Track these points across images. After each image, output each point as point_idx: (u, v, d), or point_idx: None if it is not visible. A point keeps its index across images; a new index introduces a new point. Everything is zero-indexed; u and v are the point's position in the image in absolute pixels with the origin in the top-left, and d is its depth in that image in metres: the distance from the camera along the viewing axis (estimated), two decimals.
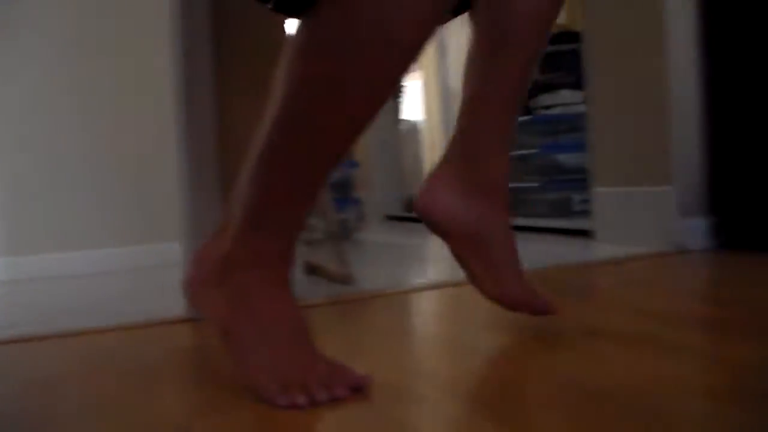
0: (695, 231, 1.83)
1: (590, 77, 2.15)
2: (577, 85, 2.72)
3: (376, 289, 1.54)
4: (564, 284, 1.46)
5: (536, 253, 1.97)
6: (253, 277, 0.81)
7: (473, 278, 1.02)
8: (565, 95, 2.93)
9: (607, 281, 1.49)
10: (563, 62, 2.91)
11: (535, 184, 3.04)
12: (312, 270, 1.88)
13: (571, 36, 2.78)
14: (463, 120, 1.00)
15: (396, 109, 4.25)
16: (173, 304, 1.29)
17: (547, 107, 3.00)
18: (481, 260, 1.00)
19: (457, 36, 4.60)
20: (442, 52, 3.87)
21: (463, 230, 1.00)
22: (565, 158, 2.92)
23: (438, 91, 4.07)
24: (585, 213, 2.47)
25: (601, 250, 1.95)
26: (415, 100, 4.74)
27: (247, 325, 0.80)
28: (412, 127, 4.60)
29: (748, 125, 1.76)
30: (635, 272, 1.56)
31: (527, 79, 0.99)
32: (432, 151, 4.34)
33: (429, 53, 4.53)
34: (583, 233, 2.22)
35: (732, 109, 1.80)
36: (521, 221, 2.84)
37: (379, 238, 3.06)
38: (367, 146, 4.02)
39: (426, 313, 1.32)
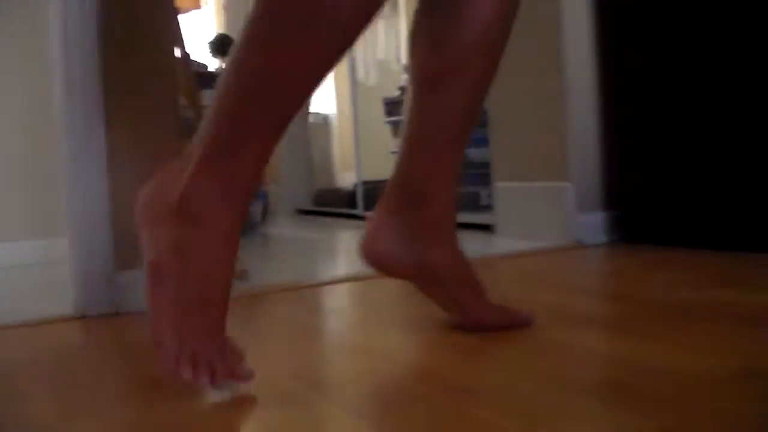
0: (593, 226, 1.85)
1: None
2: None
3: (271, 284, 1.51)
4: None
5: None
6: (204, 227, 0.76)
7: (447, 311, 1.01)
8: None
9: (502, 276, 1.49)
10: None
11: None
12: None
13: None
14: (404, 163, 0.98)
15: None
16: (61, 301, 1.23)
17: None
18: (441, 297, 1.00)
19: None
20: None
21: (413, 273, 0.99)
22: (474, 153, 2.93)
23: (349, 84, 4.04)
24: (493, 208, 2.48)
25: (501, 244, 1.96)
26: (325, 92, 4.69)
27: (181, 276, 0.76)
28: (323, 120, 4.56)
29: (645, 122, 1.79)
30: (531, 267, 1.56)
31: (476, 110, 0.98)
32: (342, 144, 4.31)
33: None
34: (488, 228, 2.23)
35: (629, 106, 1.83)
36: None
37: (286, 232, 3.01)
38: None
39: (322, 308, 1.29)
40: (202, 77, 2.91)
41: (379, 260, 1.00)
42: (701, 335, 0.88)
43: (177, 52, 1.75)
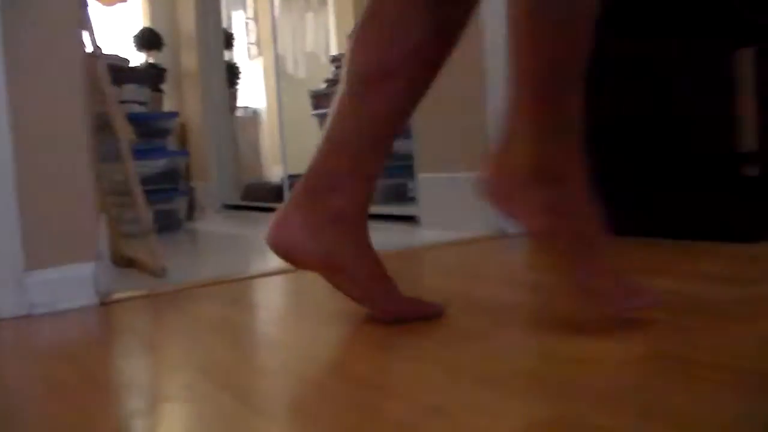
0: None
1: None
2: None
3: (191, 280, 1.48)
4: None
5: None
6: (570, 179, 0.90)
7: (359, 303, 1.01)
8: None
9: (423, 267, 1.49)
10: None
11: None
12: (126, 262, 1.80)
13: None
14: (319, 158, 0.98)
15: (232, 96, 4.15)
16: None
17: None
18: (351, 289, 0.99)
19: (289, 21, 4.55)
20: (275, 38, 3.80)
21: (320, 264, 0.98)
22: (400, 145, 2.94)
23: (277, 78, 4.00)
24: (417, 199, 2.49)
25: (425, 235, 1.96)
26: (255, 86, 4.65)
27: (564, 232, 0.89)
28: (252, 113, 4.51)
29: None
30: (453, 257, 1.57)
31: (405, 118, 1.00)
32: (272, 138, 4.27)
33: (266, 39, 4.46)
34: (413, 219, 2.23)
35: None
36: None
37: (212, 228, 2.96)
38: (201, 134, 3.90)
39: (241, 304, 1.27)
40: (121, 71, 2.84)
41: (286, 250, 0.98)
42: (598, 322, 0.89)
43: (88, 43, 1.70)
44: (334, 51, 4.47)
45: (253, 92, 4.64)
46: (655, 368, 0.70)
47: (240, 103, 4.37)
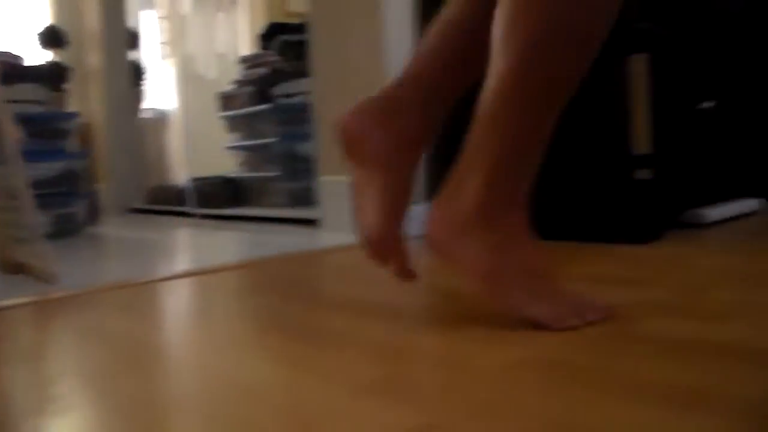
0: (415, 217, 1.88)
1: (314, 66, 2.15)
2: None
3: (83, 286, 1.44)
4: (275, 275, 1.44)
5: (258, 245, 1.94)
6: (512, 221, 0.90)
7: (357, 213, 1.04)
8: (308, 84, 2.94)
9: (321, 271, 1.49)
10: (306, 51, 2.91)
11: (277, 174, 3.02)
12: (16, 268, 1.73)
13: None
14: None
15: (137, 96, 4.06)
16: None
17: (288, 95, 2.98)
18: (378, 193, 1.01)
19: (199, 21, 4.48)
20: (183, 38, 3.73)
21: (372, 156, 1.01)
22: (306, 147, 2.93)
23: (186, 79, 3.94)
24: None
25: (326, 239, 1.96)
26: (165, 86, 4.55)
27: (511, 267, 0.88)
28: (160, 115, 4.42)
29: (461, 117, 1.83)
30: (351, 261, 1.57)
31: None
32: (182, 140, 4.19)
33: (176, 39, 4.37)
34: (315, 222, 2.23)
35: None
36: (258, 211, 2.82)
37: (115, 232, 2.89)
38: (104, 136, 3.80)
39: (131, 310, 1.24)
40: (14, 70, 2.74)
41: (353, 135, 1.02)
42: (489, 326, 0.90)
43: None
44: (244, 51, 4.42)
45: (163, 93, 4.55)
46: (536, 374, 0.70)
47: (148, 104, 4.28)
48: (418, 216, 1.84)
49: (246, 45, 4.59)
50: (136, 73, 3.99)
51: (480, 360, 0.76)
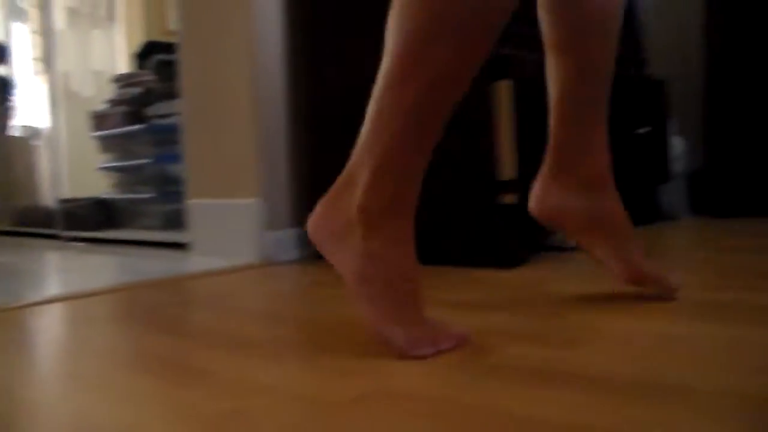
0: (283, 242, 1.87)
1: (183, 86, 2.11)
2: None
3: None
4: (138, 303, 1.40)
5: (124, 269, 1.88)
6: (394, 228, 0.88)
7: (601, 264, 1.12)
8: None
9: (180, 298, 1.45)
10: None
11: (150, 195, 2.95)
12: None
13: None
14: (556, 125, 1.12)
15: (5, 113, 3.88)
16: None
17: (163, 116, 2.92)
18: (606, 247, 1.10)
19: (74, 37, 4.34)
20: (55, 54, 3.60)
21: (583, 224, 1.11)
22: (179, 169, 2.87)
23: (58, 96, 3.79)
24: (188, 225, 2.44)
25: (194, 263, 1.92)
26: (35, 103, 4.37)
27: (379, 277, 0.87)
28: (30, 133, 4.24)
29: (335, 140, 1.84)
30: (214, 287, 1.55)
31: (608, 69, 1.10)
32: (53, 159, 4.03)
33: (49, 55, 4.21)
34: (185, 246, 2.18)
35: (320, 123, 1.88)
36: (128, 234, 2.74)
37: None
38: None
39: None
40: None
41: (551, 215, 1.12)
42: (342, 357, 0.91)
43: None
44: (122, 70, 4.30)
45: (34, 110, 4.37)
46: (386, 407, 0.70)
47: (18, 121, 4.10)
48: (285, 242, 1.84)
49: (124, 63, 4.47)
50: (4, 88, 3.82)
51: (330, 393, 0.75)
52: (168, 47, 3.24)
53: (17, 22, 4.53)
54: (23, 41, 4.52)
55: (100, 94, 3.83)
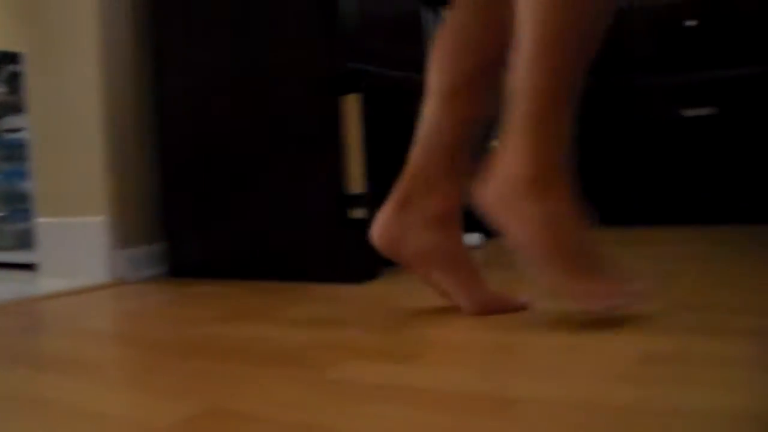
0: (135, 261, 1.81)
1: (30, 99, 2.01)
2: None
3: None
4: None
5: None
6: (560, 192, 0.97)
7: (447, 296, 1.15)
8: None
9: (26, 322, 1.37)
10: None
11: (1, 214, 2.78)
12: None
13: None
14: (416, 161, 1.14)
15: None
16: None
17: (13, 131, 2.77)
18: (444, 281, 1.13)
19: None
20: None
21: (420, 258, 1.13)
22: (28, 186, 2.72)
23: None
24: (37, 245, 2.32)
25: (43, 284, 1.82)
26: None
27: (561, 244, 0.96)
28: None
29: (193, 155, 1.79)
30: (61, 309, 1.48)
31: (480, 121, 1.14)
32: None
33: None
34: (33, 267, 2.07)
35: (176, 139, 1.82)
36: None
37: None
38: None
39: None
40: None
41: (392, 247, 1.14)
42: (170, 379, 0.88)
43: None
44: None
45: None
46: (195, 429, 0.68)
47: None
48: (139, 260, 1.77)
49: None
50: None
51: (157, 418, 0.72)
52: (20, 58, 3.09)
53: None
54: None
55: None
